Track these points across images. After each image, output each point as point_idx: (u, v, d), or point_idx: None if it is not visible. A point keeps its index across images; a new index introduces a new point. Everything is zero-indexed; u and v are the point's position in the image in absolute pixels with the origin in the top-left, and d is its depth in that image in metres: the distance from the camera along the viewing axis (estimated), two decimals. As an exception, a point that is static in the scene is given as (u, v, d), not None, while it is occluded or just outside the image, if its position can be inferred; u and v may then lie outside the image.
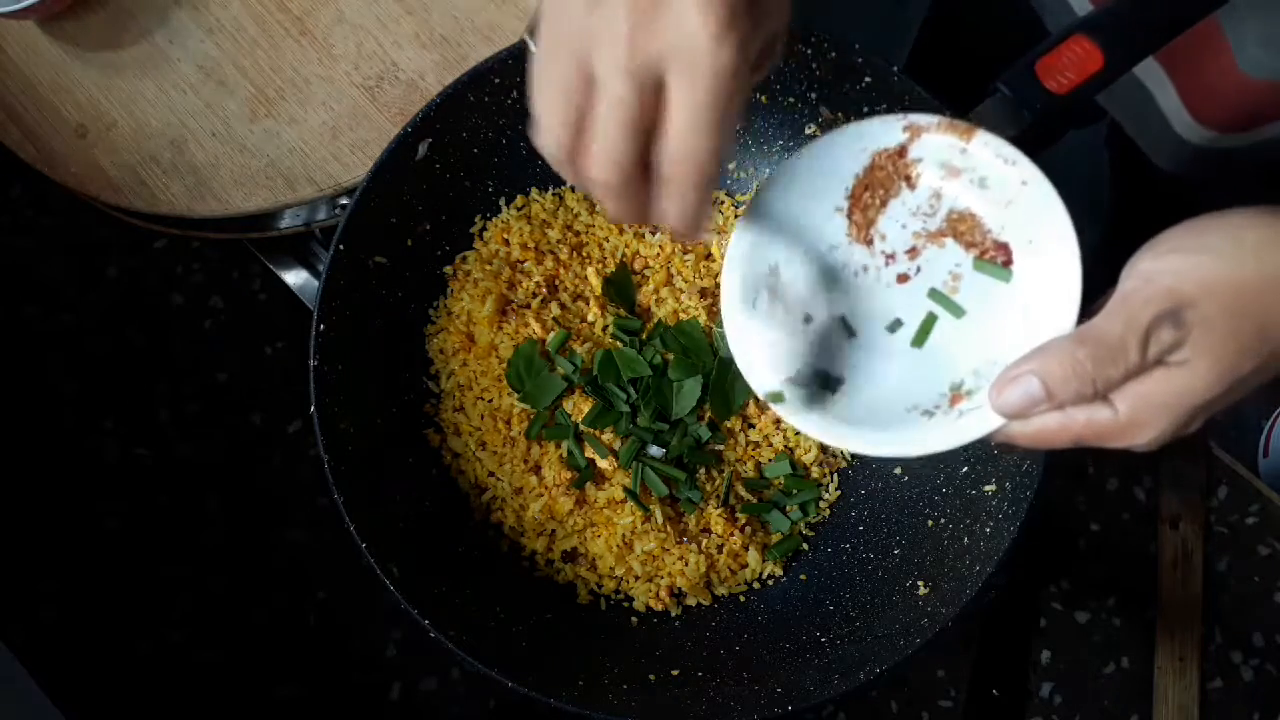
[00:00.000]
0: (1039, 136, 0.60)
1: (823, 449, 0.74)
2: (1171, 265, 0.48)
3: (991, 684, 0.80)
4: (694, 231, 0.48)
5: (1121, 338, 0.47)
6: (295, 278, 0.85)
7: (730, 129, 0.45)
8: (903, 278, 0.57)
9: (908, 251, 0.57)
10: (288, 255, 0.85)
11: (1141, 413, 0.48)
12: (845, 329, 0.58)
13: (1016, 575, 0.82)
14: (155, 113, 0.81)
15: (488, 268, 0.75)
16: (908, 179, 0.56)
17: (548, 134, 0.46)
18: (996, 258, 0.56)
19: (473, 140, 0.73)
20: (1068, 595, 0.82)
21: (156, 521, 0.84)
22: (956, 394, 0.54)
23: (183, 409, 0.85)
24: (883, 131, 0.55)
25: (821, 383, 0.57)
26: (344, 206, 0.79)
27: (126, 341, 0.86)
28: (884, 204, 0.56)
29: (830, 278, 0.58)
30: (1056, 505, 0.83)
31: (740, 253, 0.57)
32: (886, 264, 0.57)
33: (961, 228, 0.56)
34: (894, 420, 0.55)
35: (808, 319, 0.57)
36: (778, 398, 0.56)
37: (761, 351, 0.57)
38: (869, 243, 0.57)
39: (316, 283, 0.84)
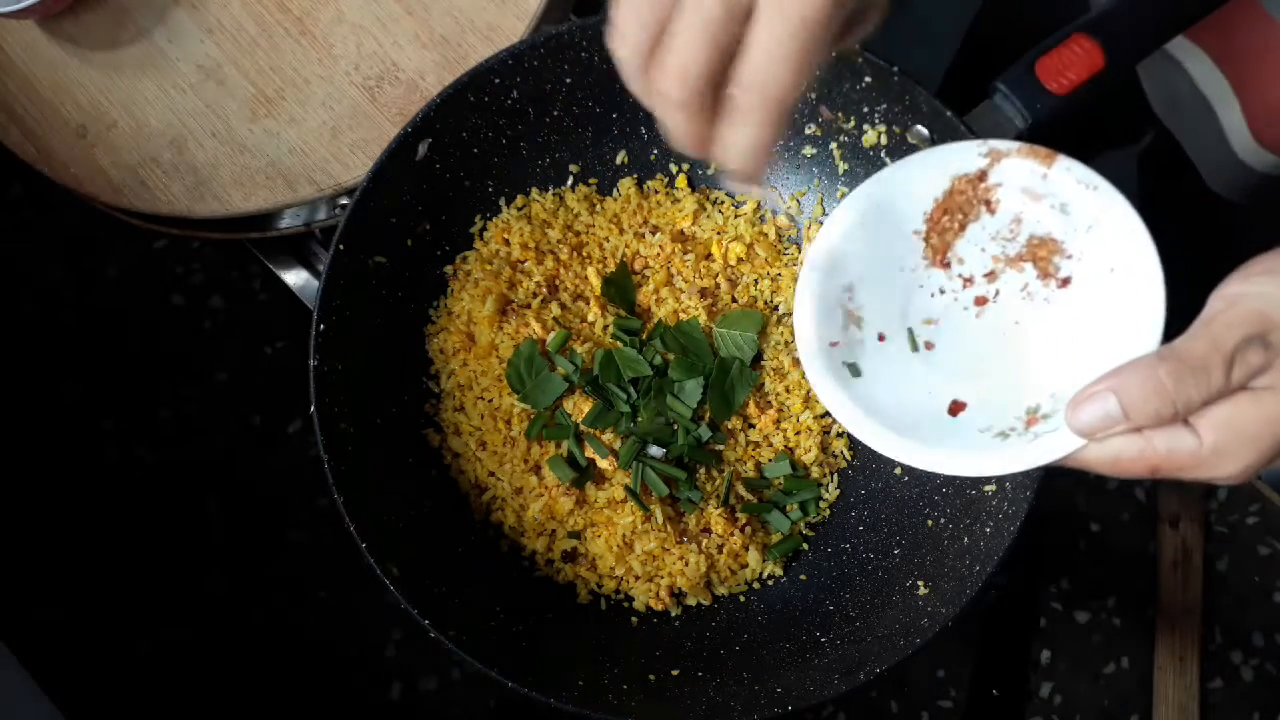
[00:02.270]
0: (1041, 137, 0.59)
1: (822, 449, 0.74)
2: (1262, 288, 0.47)
3: (991, 684, 0.80)
4: (752, 171, 0.46)
5: (1205, 357, 0.46)
6: (295, 278, 0.85)
7: (808, 72, 0.43)
8: (980, 300, 0.57)
9: (986, 275, 0.57)
10: (288, 255, 0.85)
11: (1227, 441, 0.46)
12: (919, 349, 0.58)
13: (1016, 575, 0.82)
14: (155, 113, 0.81)
15: (488, 268, 0.75)
16: (987, 204, 0.56)
17: (624, 38, 0.45)
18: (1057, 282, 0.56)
19: (473, 140, 0.73)
20: (1068, 595, 0.82)
21: (156, 521, 0.84)
22: (1033, 416, 0.54)
23: (183, 409, 0.85)
24: (962, 156, 0.55)
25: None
26: (344, 206, 0.79)
27: (126, 341, 0.86)
28: (963, 228, 0.56)
29: (906, 299, 0.58)
30: (1056, 505, 0.83)
31: (816, 272, 0.57)
32: (964, 287, 0.57)
33: (1041, 253, 0.56)
34: (969, 441, 0.54)
35: (881, 338, 0.58)
36: (862, 426, 0.55)
37: (840, 377, 0.56)
38: (946, 265, 0.57)
39: (316, 283, 0.84)
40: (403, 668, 0.81)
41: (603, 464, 0.72)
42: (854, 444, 0.75)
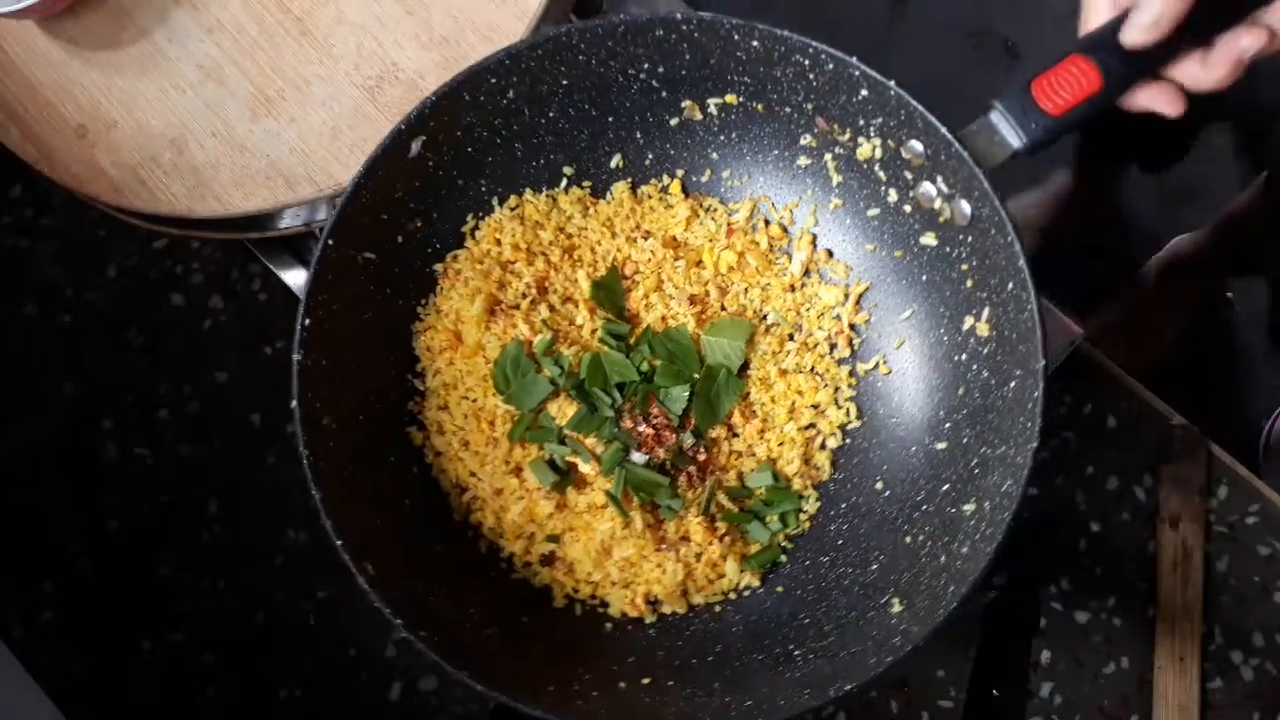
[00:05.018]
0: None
1: (805, 460, 0.74)
2: None
3: (991, 684, 0.80)
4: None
5: None
6: (295, 278, 0.85)
7: None
8: None
9: None
10: (288, 255, 0.85)
11: None
12: None
13: (1016, 575, 0.82)
14: (155, 113, 0.81)
15: (478, 267, 0.74)
16: None
17: None
18: None
19: (467, 139, 0.73)
20: (1068, 595, 0.82)
21: (156, 521, 0.84)
22: None
23: (183, 409, 0.85)
24: None
25: None
26: (341, 205, 0.79)
27: (126, 341, 0.87)
28: None
29: None
30: (1056, 505, 0.83)
31: None
32: None
33: None
34: None
35: None
36: None
37: None
38: None
39: (316, 282, 0.84)
40: (403, 668, 0.81)
41: (584, 469, 0.72)
42: (836, 457, 0.75)
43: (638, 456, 0.71)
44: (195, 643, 0.82)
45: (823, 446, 0.75)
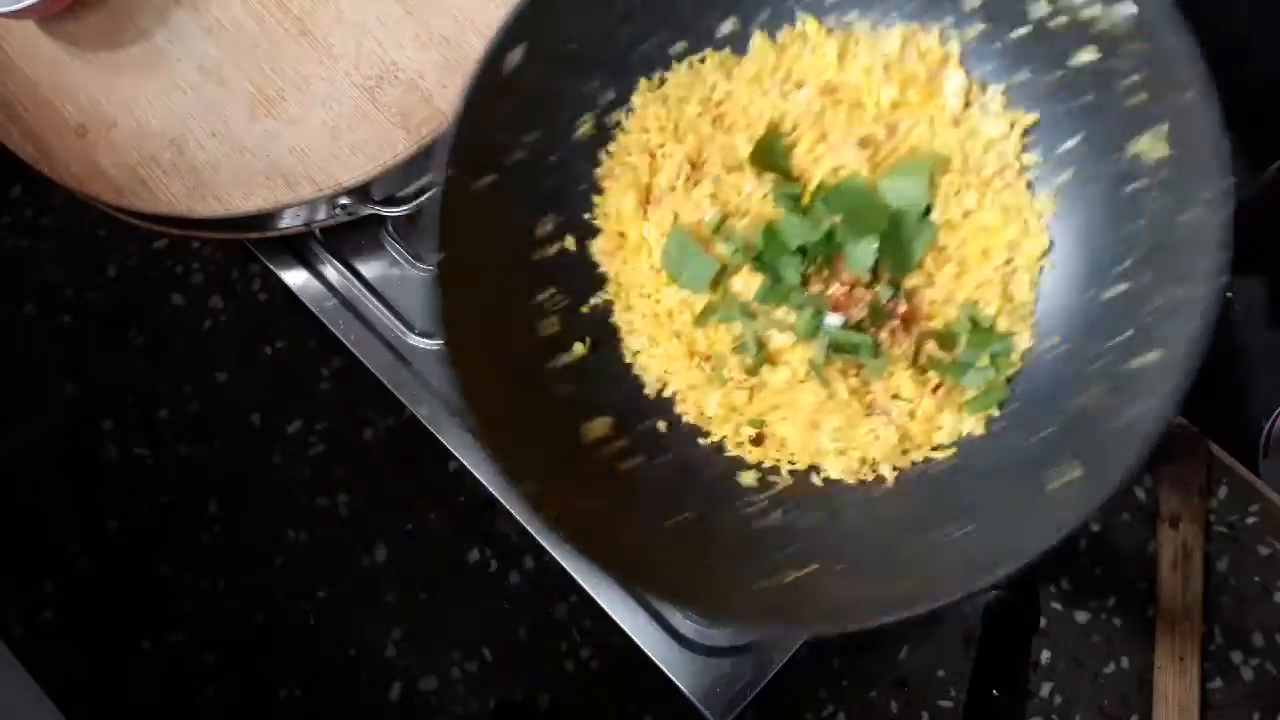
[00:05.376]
0: None
1: (1008, 299, 0.69)
2: None
3: (991, 684, 0.80)
4: None
5: None
6: (295, 278, 0.85)
7: None
8: None
9: None
10: (288, 255, 0.85)
11: None
12: None
13: (1016, 575, 0.82)
14: (155, 113, 0.81)
15: (627, 159, 0.71)
16: None
17: None
18: None
19: (569, 37, 0.68)
20: (1068, 595, 0.82)
21: (156, 521, 0.84)
22: None
23: (183, 409, 0.85)
24: None
25: None
26: (344, 206, 0.79)
27: (126, 341, 0.87)
28: None
29: None
30: (1056, 505, 0.83)
31: None
32: None
33: None
34: None
35: None
36: None
37: None
38: None
39: (316, 283, 0.84)
40: (403, 668, 0.81)
41: (779, 342, 0.68)
42: (1040, 290, 0.69)
43: (833, 319, 0.67)
44: (195, 643, 0.82)
45: (1024, 281, 0.69)
